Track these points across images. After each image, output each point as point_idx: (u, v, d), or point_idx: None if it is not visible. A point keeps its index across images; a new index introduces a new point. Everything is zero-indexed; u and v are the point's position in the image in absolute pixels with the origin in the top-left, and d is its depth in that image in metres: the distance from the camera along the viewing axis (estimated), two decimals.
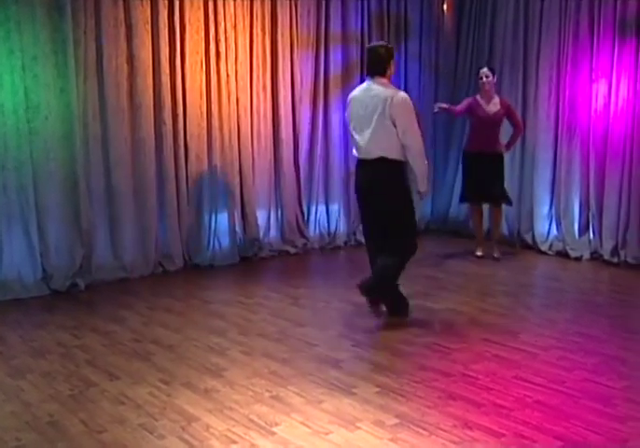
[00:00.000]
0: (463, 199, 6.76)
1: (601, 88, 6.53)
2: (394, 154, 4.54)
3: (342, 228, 7.27)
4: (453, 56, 7.90)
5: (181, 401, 3.44)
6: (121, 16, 5.64)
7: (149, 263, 5.94)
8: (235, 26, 6.29)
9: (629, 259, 6.34)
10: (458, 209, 7.70)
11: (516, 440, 3.06)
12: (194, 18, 6.04)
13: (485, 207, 6.72)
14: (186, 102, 6.08)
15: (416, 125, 4.61)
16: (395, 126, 4.49)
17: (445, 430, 3.14)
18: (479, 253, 6.66)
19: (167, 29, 5.89)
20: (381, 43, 4.99)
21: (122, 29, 5.66)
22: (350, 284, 5.77)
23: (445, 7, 7.87)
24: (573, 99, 6.72)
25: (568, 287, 5.82)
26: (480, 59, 7.45)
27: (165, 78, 5.91)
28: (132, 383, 3.67)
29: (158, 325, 4.67)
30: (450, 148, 7.89)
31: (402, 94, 4.60)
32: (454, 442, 3.03)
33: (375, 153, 4.54)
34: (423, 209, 7.97)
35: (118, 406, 3.39)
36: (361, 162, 4.69)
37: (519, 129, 6.56)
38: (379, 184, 4.57)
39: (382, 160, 4.53)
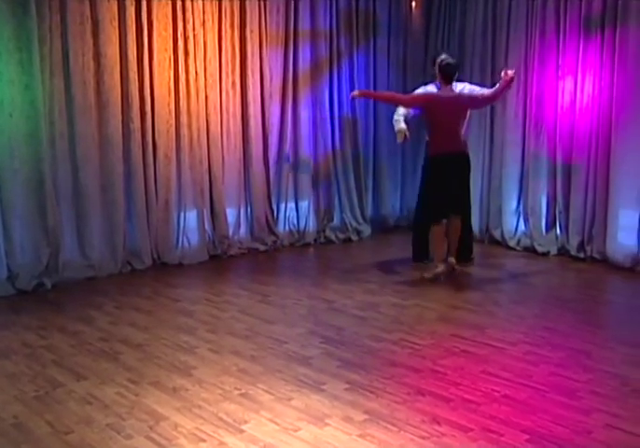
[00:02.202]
0: None
1: (567, 85, 6.59)
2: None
3: (312, 225, 7.27)
4: (422, 53, 7.93)
5: (149, 401, 3.42)
6: (87, 12, 5.57)
7: (117, 262, 5.89)
8: (204, 23, 6.26)
9: (595, 255, 6.41)
10: None
11: (483, 434, 3.09)
12: (162, 14, 5.99)
13: None
14: (154, 99, 6.03)
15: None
16: None
17: (414, 426, 3.16)
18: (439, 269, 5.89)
19: (134, 26, 5.83)
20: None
21: (88, 26, 5.59)
22: (319, 281, 5.82)
23: (413, 4, 7.90)
24: (540, 96, 6.78)
25: (536, 283, 5.88)
26: (451, 55, 7.46)
27: (133, 76, 5.85)
28: (99, 383, 3.64)
29: (126, 324, 4.63)
30: (420, 144, 7.90)
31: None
32: (423, 438, 3.05)
33: None
34: (392, 206, 8.03)
35: (86, 406, 3.36)
36: None
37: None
38: None
39: None
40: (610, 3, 6.18)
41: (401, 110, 6.17)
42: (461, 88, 6.02)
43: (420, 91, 6.18)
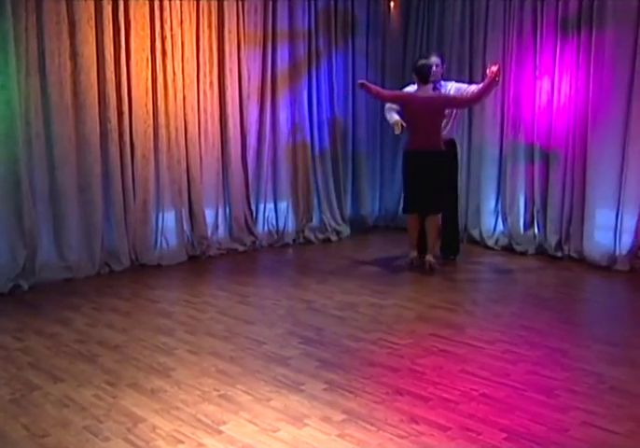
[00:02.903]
0: None
1: (544, 85, 6.65)
2: None
3: (291, 225, 7.27)
4: (401, 53, 7.96)
5: (127, 403, 3.40)
6: (64, 12, 5.52)
7: (95, 263, 5.84)
8: (181, 23, 6.23)
9: (572, 254, 6.47)
10: None
11: (462, 432, 3.10)
12: (139, 14, 5.96)
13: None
14: (131, 99, 6.00)
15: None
16: None
17: (392, 425, 3.16)
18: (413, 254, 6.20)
19: (111, 25, 5.79)
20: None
21: (65, 25, 5.54)
22: (298, 281, 5.82)
23: (392, 4, 7.92)
24: (517, 96, 6.83)
25: (514, 282, 5.93)
26: (428, 56, 7.50)
27: (110, 76, 5.81)
28: (76, 385, 3.61)
29: (104, 326, 4.60)
30: (399, 143, 7.93)
31: None
32: (401, 437, 3.05)
33: None
34: (371, 206, 8.04)
35: (62, 409, 3.32)
36: None
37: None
38: None
39: None
40: (586, 4, 6.24)
41: (389, 104, 6.25)
42: (449, 87, 6.20)
43: (408, 89, 6.26)
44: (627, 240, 6.12)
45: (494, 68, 5.68)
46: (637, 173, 6.04)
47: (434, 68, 6.13)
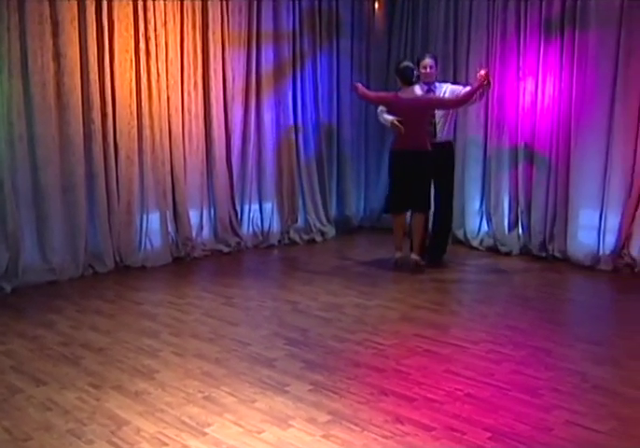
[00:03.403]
0: None
1: (528, 86, 6.68)
2: None
3: (276, 226, 7.26)
4: (385, 54, 7.97)
5: (111, 405, 3.38)
6: (47, 12, 5.48)
7: (79, 265, 5.81)
8: (165, 24, 6.21)
9: (556, 254, 6.51)
10: None
11: (446, 432, 3.11)
12: (123, 15, 5.93)
13: None
14: (115, 100, 5.97)
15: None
16: None
17: (377, 426, 3.17)
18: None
19: (95, 26, 5.76)
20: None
21: (48, 26, 5.50)
22: (283, 282, 5.81)
23: (376, 5, 7.93)
24: (501, 97, 6.85)
25: (498, 282, 5.94)
26: (413, 57, 7.52)
27: (93, 76, 5.78)
28: (60, 388, 3.58)
29: (87, 328, 4.57)
30: (384, 143, 7.95)
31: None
32: (386, 437, 3.06)
33: None
34: (356, 207, 8.04)
35: (45, 412, 3.30)
36: None
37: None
38: None
39: None
40: (569, 5, 6.28)
41: (380, 107, 6.25)
42: (444, 89, 6.21)
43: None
44: (610, 240, 6.16)
45: (483, 72, 5.73)
46: (620, 173, 6.09)
47: (428, 70, 6.15)
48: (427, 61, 6.18)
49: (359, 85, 6.25)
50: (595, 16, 6.12)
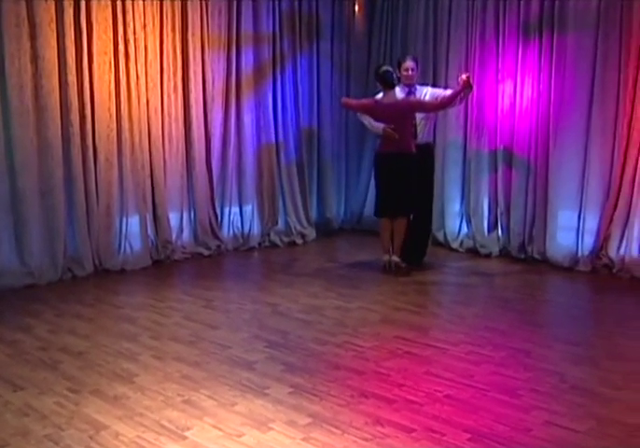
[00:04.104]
0: None
1: (507, 88, 6.72)
2: None
3: (256, 229, 7.25)
4: (365, 56, 8.00)
5: (89, 410, 3.36)
6: (24, 14, 5.43)
7: (57, 269, 5.76)
8: (144, 26, 6.18)
9: (535, 255, 6.55)
10: (373, 208, 7.80)
11: (426, 434, 3.11)
12: (101, 17, 5.89)
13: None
14: (94, 103, 5.93)
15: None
16: None
17: (357, 428, 3.17)
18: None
19: (73, 28, 5.72)
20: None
21: (25, 28, 5.45)
22: (264, 285, 5.80)
23: (356, 7, 7.96)
24: (481, 99, 6.88)
25: (478, 284, 5.97)
26: (393, 59, 7.56)
27: (72, 79, 5.74)
28: (37, 393, 3.55)
29: (66, 332, 4.53)
30: (364, 145, 7.96)
31: None
32: (366, 439, 3.06)
33: None
34: (336, 209, 8.04)
35: (22, 418, 3.27)
36: None
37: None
38: None
39: None
40: (547, 8, 6.33)
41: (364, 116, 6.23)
42: (424, 91, 6.24)
43: (378, 97, 6.19)
44: (589, 241, 6.22)
45: (465, 76, 5.77)
46: (599, 174, 6.14)
47: (410, 72, 6.17)
48: (409, 63, 6.20)
49: (343, 98, 6.50)
50: (573, 19, 6.18)
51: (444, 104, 6.02)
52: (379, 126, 5.99)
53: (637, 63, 5.84)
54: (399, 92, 6.08)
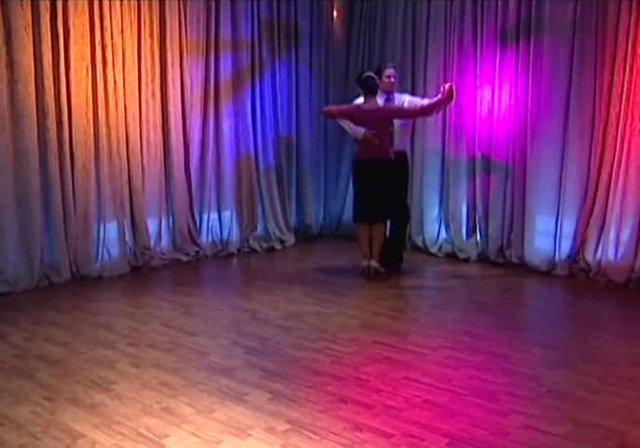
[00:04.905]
0: None
1: (485, 94, 6.77)
2: None
3: (235, 235, 7.22)
4: (344, 62, 8.02)
5: (66, 418, 3.32)
6: None
7: (34, 276, 5.70)
8: (122, 31, 6.15)
9: (513, 259, 6.59)
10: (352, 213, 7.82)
11: (405, 439, 3.12)
12: (78, 22, 5.85)
13: None
14: (71, 109, 5.88)
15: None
16: None
17: (336, 433, 3.17)
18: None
19: (50, 33, 5.67)
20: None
21: (0, 33, 5.41)
22: (243, 291, 5.78)
23: (335, 13, 7.98)
24: (459, 104, 6.91)
25: (457, 288, 6.00)
26: (371, 65, 7.59)
27: (49, 84, 5.69)
28: (12, 402, 3.51)
29: (42, 340, 4.48)
30: (342, 152, 7.98)
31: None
32: (345, 445, 3.06)
33: None
34: (315, 215, 8.04)
35: None
36: None
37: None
38: None
39: None
40: (524, 15, 6.39)
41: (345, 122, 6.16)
42: (403, 98, 6.28)
43: (357, 101, 6.23)
44: (566, 245, 6.27)
45: (447, 86, 5.83)
46: (575, 179, 6.20)
47: (391, 79, 6.20)
48: (391, 70, 6.24)
49: (324, 107, 6.51)
50: (549, 26, 6.24)
51: (425, 111, 6.06)
52: (360, 130, 5.98)
53: (612, 69, 5.91)
54: (378, 99, 6.09)
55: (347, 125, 6.11)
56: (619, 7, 5.82)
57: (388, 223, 6.28)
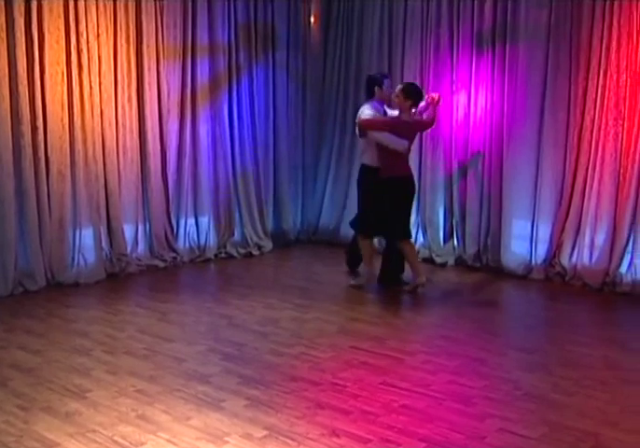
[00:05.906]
0: None
1: (461, 99, 6.81)
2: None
3: (212, 240, 7.19)
4: (321, 66, 8.02)
5: (40, 427, 3.28)
6: None
7: (8, 283, 5.62)
8: (98, 36, 6.10)
9: (490, 263, 6.62)
10: (329, 219, 7.83)
11: (382, 444, 3.12)
12: (53, 26, 5.80)
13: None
14: (46, 114, 5.83)
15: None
16: None
17: (313, 439, 3.16)
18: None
19: (24, 38, 5.61)
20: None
21: None
22: (220, 297, 5.75)
23: (312, 18, 7.97)
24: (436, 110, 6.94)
25: (434, 293, 6.00)
26: (348, 70, 7.62)
27: (23, 89, 5.64)
28: None
29: (16, 348, 4.42)
30: (320, 158, 7.98)
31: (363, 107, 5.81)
32: None
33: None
34: (293, 221, 8.02)
35: None
36: None
37: None
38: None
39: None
40: (500, 20, 6.44)
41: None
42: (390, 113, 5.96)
43: (366, 107, 5.87)
44: (542, 249, 6.32)
45: (435, 96, 5.82)
46: (551, 183, 6.26)
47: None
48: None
49: (365, 120, 5.75)
50: (524, 31, 6.30)
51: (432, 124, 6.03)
52: (403, 143, 5.65)
53: (587, 74, 5.98)
54: (368, 108, 5.79)
55: (387, 138, 5.63)
56: (592, 13, 5.90)
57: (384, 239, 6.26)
